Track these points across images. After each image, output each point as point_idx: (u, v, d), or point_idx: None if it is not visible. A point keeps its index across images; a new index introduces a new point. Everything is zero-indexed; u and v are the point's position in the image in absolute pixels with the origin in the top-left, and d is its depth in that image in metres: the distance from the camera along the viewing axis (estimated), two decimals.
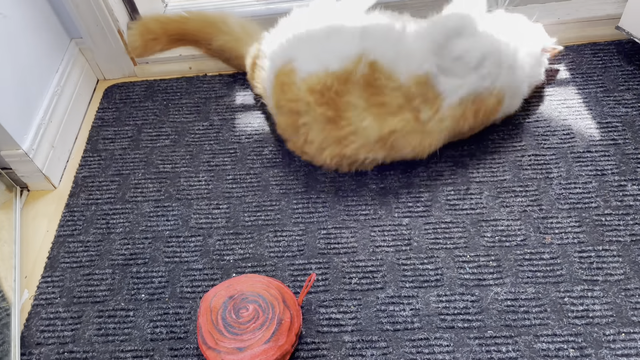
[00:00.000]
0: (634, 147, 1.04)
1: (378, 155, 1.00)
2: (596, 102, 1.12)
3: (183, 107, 1.25)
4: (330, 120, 0.98)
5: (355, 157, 1.01)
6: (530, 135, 1.09)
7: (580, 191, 0.99)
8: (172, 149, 1.17)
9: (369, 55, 0.96)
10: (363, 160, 1.01)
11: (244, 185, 1.09)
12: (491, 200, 1.00)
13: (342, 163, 1.02)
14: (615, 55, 1.19)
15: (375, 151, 1.00)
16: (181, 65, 1.33)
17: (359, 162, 1.02)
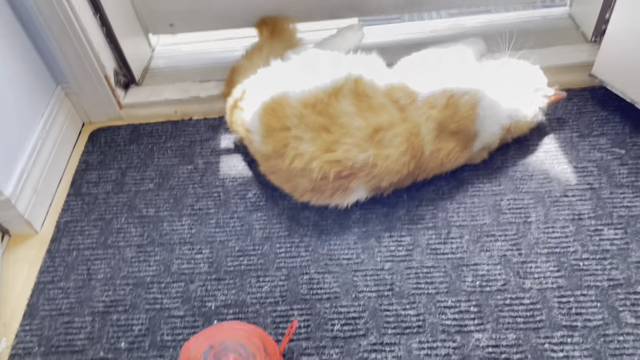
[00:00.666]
0: (609, 191, 1.06)
1: (368, 154, 0.99)
2: (572, 146, 1.15)
3: (168, 151, 1.27)
4: (323, 127, 1.01)
5: (345, 160, 0.99)
6: (508, 179, 1.11)
7: (558, 235, 1.01)
8: (156, 193, 1.18)
9: (355, 74, 1.05)
10: (351, 166, 1.00)
11: (227, 229, 1.09)
12: (472, 244, 1.02)
13: (330, 171, 1.00)
14: (590, 101, 1.23)
15: (365, 148, 1.00)
16: (167, 109, 1.35)
17: (347, 167, 1.00)
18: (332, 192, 1.04)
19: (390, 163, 1.00)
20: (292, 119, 1.02)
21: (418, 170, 1.05)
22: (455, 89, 1.05)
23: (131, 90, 1.37)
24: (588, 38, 1.34)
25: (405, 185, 1.09)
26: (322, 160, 0.99)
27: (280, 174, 1.07)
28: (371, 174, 1.01)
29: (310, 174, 1.01)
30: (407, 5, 1.41)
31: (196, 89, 1.35)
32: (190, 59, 1.48)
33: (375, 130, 1.00)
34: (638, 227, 1.00)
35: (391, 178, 1.02)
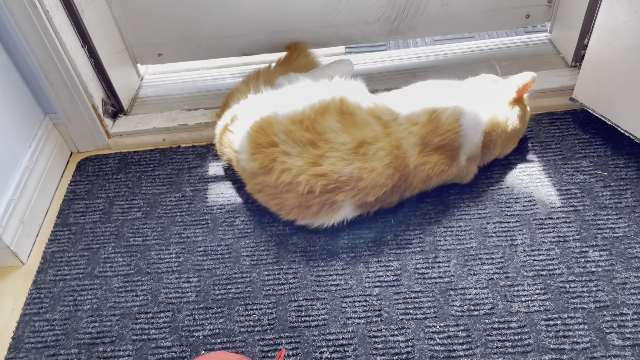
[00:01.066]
0: (593, 213, 1.07)
1: (353, 167, 1.01)
2: (555, 169, 1.17)
3: (156, 179, 1.27)
4: (310, 142, 1.04)
5: (331, 173, 1.01)
6: (494, 203, 1.12)
7: (544, 258, 1.01)
8: (143, 222, 1.18)
9: (340, 94, 1.09)
10: (337, 179, 1.01)
11: (215, 257, 1.09)
12: (459, 268, 1.02)
13: (317, 184, 1.01)
14: (572, 124, 1.26)
15: (350, 162, 1.02)
16: (155, 137, 1.35)
17: (333, 180, 1.01)
18: (319, 207, 1.04)
19: (375, 176, 1.02)
20: (280, 135, 1.05)
21: (404, 184, 1.07)
22: (437, 106, 1.08)
23: (119, 119, 1.38)
24: (568, 63, 1.37)
25: (393, 203, 1.10)
26: (309, 173, 1.01)
27: (266, 192, 1.08)
28: (357, 188, 1.02)
29: (297, 188, 1.02)
30: (392, 33, 1.44)
31: (184, 117, 1.36)
32: (179, 88, 1.49)
33: (360, 144, 1.03)
34: (622, 249, 1.01)
35: (377, 192, 1.03)
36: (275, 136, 1.05)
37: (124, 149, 1.35)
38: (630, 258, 0.99)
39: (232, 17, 1.38)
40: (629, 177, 1.13)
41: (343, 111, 1.08)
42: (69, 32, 1.18)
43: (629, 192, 1.10)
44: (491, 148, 1.13)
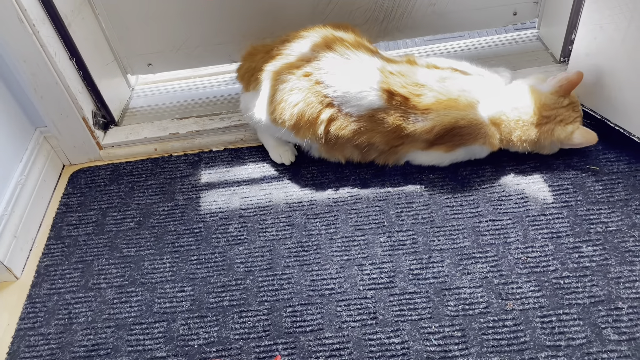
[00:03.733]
0: (585, 208, 1.07)
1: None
2: (547, 166, 1.17)
3: (148, 189, 1.27)
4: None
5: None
6: (486, 201, 1.12)
7: (537, 254, 1.01)
8: (136, 232, 1.17)
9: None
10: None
11: (208, 265, 1.09)
12: (453, 268, 1.02)
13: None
14: None
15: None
16: (147, 147, 1.35)
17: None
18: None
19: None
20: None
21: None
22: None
23: (110, 130, 1.38)
24: (557, 59, 1.37)
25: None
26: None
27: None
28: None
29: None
30: (380, 35, 1.45)
31: (175, 126, 1.36)
32: (170, 97, 1.49)
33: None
34: (616, 243, 1.01)
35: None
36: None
37: (115, 160, 1.35)
38: (624, 252, 0.99)
39: (220, 25, 1.38)
40: (621, 170, 1.13)
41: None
42: (56, 45, 1.18)
43: (621, 185, 1.10)
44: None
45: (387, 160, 1.19)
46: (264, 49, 1.22)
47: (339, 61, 1.12)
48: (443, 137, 1.11)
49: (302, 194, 1.20)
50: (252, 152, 1.32)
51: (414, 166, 1.21)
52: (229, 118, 1.36)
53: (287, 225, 1.14)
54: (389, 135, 1.12)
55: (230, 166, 1.30)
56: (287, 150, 1.26)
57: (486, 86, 1.15)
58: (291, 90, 1.11)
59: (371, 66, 1.13)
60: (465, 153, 1.16)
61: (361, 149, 1.15)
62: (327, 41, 1.15)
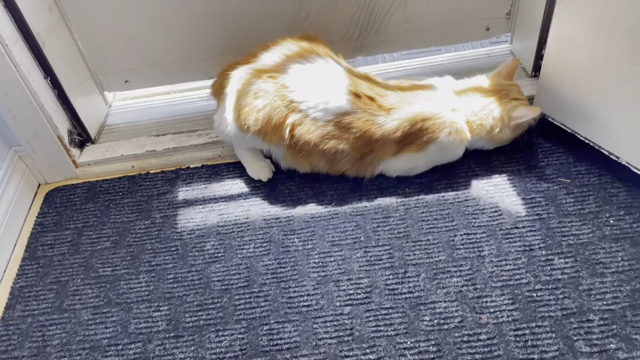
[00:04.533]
0: (557, 221, 1.09)
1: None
2: (520, 178, 1.18)
3: (125, 207, 1.26)
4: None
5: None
6: (461, 215, 1.13)
7: (511, 268, 1.03)
8: (112, 251, 1.17)
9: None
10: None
11: (185, 284, 1.08)
12: (428, 282, 1.03)
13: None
14: (534, 133, 1.28)
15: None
16: (124, 165, 1.35)
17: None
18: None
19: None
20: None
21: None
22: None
23: (87, 148, 1.37)
24: (529, 73, 1.40)
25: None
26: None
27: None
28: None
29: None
30: (357, 50, 1.46)
31: (152, 143, 1.36)
32: (148, 113, 1.49)
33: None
34: (587, 255, 1.02)
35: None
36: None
37: (92, 178, 1.34)
38: (595, 264, 1.01)
39: (197, 42, 1.39)
40: (591, 183, 1.15)
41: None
42: (30, 64, 1.18)
43: (592, 198, 1.12)
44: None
45: (359, 171, 1.20)
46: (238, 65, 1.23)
47: (306, 66, 1.14)
48: (410, 134, 1.13)
49: (280, 209, 1.21)
50: (229, 168, 1.33)
51: (390, 180, 1.22)
52: (207, 134, 1.37)
53: (265, 242, 1.14)
54: (358, 141, 1.13)
55: (207, 183, 1.30)
56: (265, 166, 1.27)
57: (444, 83, 1.21)
58: (256, 94, 1.11)
59: (339, 71, 1.15)
60: (437, 151, 1.16)
61: (329, 157, 1.16)
62: (294, 49, 1.17)
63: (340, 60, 1.21)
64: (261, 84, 1.12)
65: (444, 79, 1.23)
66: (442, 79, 1.23)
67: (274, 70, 1.14)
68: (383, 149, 1.15)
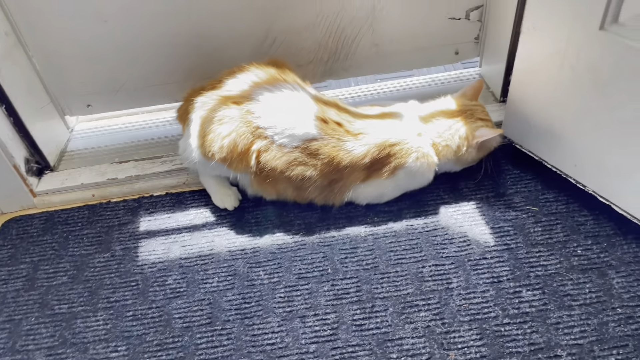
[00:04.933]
0: (525, 251, 1.08)
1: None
2: (488, 206, 1.17)
3: (84, 239, 1.21)
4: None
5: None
6: (429, 245, 1.12)
7: (479, 301, 1.01)
8: (69, 287, 1.12)
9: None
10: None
11: (144, 321, 1.04)
12: (396, 317, 1.00)
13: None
14: (503, 160, 1.27)
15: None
16: (84, 194, 1.30)
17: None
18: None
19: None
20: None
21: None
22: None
23: (45, 176, 1.32)
24: (497, 98, 1.40)
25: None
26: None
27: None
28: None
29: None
30: (326, 74, 1.45)
31: (114, 171, 1.32)
32: (111, 138, 1.45)
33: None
34: (555, 286, 1.01)
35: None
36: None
37: (50, 208, 1.29)
38: (563, 296, 1.00)
39: (161, 65, 1.36)
40: (559, 211, 1.15)
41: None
42: None
43: (559, 226, 1.12)
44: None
45: (327, 199, 1.17)
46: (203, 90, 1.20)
47: (272, 92, 1.11)
48: (378, 160, 1.12)
49: (246, 240, 1.17)
50: (194, 196, 1.29)
51: (359, 209, 1.20)
52: (171, 161, 1.33)
53: (229, 275, 1.11)
54: (326, 168, 1.11)
55: (171, 212, 1.26)
56: (231, 194, 1.24)
57: (408, 108, 1.21)
58: (220, 120, 1.09)
59: (306, 98, 1.13)
60: (406, 176, 1.15)
61: (296, 184, 1.13)
62: (260, 75, 1.15)
63: (308, 87, 1.19)
64: (226, 111, 1.09)
65: (408, 104, 1.22)
66: (406, 104, 1.22)
67: (239, 96, 1.12)
68: (352, 176, 1.13)
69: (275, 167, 1.10)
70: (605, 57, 0.93)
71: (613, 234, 1.09)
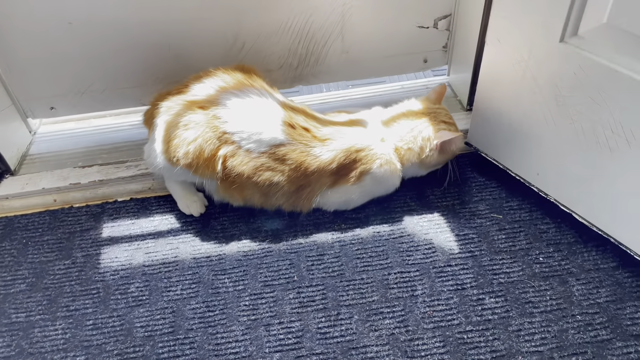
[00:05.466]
0: (489, 258, 1.09)
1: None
2: (454, 214, 1.19)
3: (44, 245, 1.18)
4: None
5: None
6: (395, 252, 1.12)
7: (443, 308, 1.02)
8: (27, 295, 1.08)
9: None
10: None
11: (105, 330, 1.02)
12: (361, 325, 1.00)
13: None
14: (469, 167, 1.29)
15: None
16: (45, 199, 1.27)
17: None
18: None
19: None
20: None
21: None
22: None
23: (5, 180, 1.28)
24: (464, 106, 1.42)
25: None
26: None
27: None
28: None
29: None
30: (295, 80, 1.44)
31: (77, 175, 1.29)
32: (75, 141, 1.41)
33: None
34: (517, 294, 1.03)
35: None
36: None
37: (10, 213, 1.25)
38: (524, 303, 1.01)
39: (128, 68, 1.33)
40: (522, 219, 1.16)
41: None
42: None
43: (522, 234, 1.13)
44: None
45: (295, 205, 1.17)
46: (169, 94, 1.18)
47: (239, 98, 1.11)
48: (345, 166, 1.12)
49: (211, 247, 1.16)
50: (160, 202, 1.27)
51: (326, 215, 1.20)
52: (136, 166, 1.30)
53: (193, 283, 1.09)
54: (293, 173, 1.10)
55: (135, 218, 1.23)
56: (196, 200, 1.22)
57: (372, 114, 1.22)
58: (186, 125, 1.07)
59: (274, 103, 1.13)
60: (372, 182, 1.15)
61: (263, 190, 1.12)
62: (227, 80, 1.14)
63: (276, 93, 1.19)
64: (192, 115, 1.08)
65: (372, 110, 1.23)
66: (370, 111, 1.23)
67: (206, 101, 1.11)
68: (319, 182, 1.13)
69: (242, 173, 1.09)
70: (565, 68, 0.95)
71: (574, 242, 1.11)
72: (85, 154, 1.36)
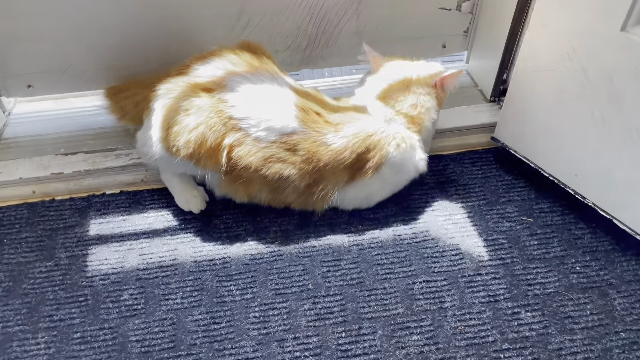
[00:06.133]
0: (522, 266, 1.00)
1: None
2: (480, 216, 1.09)
3: (22, 243, 1.04)
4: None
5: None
6: (419, 258, 1.02)
7: (475, 322, 0.92)
8: (4, 302, 0.95)
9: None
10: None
11: (95, 345, 0.89)
12: (385, 341, 0.90)
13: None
14: (494, 164, 1.19)
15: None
16: (22, 190, 1.12)
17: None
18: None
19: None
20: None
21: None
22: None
23: None
24: (487, 97, 1.31)
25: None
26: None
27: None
28: None
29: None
30: (303, 62, 1.32)
31: (59, 164, 1.14)
32: (57, 125, 1.26)
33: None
34: (555, 307, 0.94)
35: None
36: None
37: None
38: (564, 318, 0.93)
39: (116, 46, 1.18)
40: (555, 222, 1.07)
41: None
42: None
43: (556, 240, 1.04)
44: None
45: (307, 203, 1.05)
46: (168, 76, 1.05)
47: (248, 79, 0.98)
48: (360, 155, 1.01)
49: (214, 249, 1.04)
50: (154, 195, 1.14)
51: (341, 215, 1.09)
52: (127, 155, 1.17)
53: (195, 291, 0.97)
54: (305, 165, 0.99)
55: (127, 214, 1.10)
56: (196, 195, 1.09)
57: (363, 95, 1.11)
58: (187, 110, 0.94)
59: (285, 86, 1.00)
60: (391, 170, 1.04)
61: (272, 184, 1.00)
62: (233, 60, 1.02)
63: (286, 76, 1.06)
64: (194, 100, 0.95)
65: (357, 94, 1.12)
66: (356, 95, 1.12)
67: (210, 83, 0.98)
68: (334, 176, 1.01)
69: (249, 165, 0.97)
70: (624, 61, 0.85)
71: (612, 250, 1.03)
72: (68, 139, 1.21)
